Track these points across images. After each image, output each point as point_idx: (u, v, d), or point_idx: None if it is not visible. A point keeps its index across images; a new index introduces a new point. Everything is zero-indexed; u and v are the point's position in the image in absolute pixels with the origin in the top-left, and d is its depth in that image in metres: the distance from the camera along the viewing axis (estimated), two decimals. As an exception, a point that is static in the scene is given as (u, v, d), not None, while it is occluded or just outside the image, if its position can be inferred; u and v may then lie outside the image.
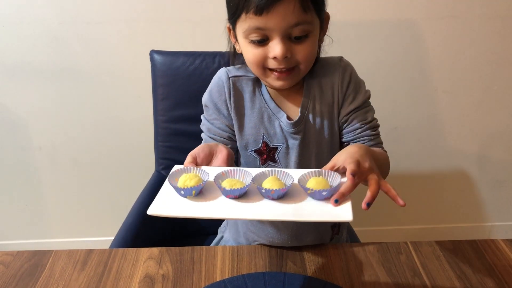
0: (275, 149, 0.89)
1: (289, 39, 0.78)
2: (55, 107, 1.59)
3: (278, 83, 0.84)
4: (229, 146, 0.91)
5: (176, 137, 1.24)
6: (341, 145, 0.94)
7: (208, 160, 0.77)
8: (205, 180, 0.68)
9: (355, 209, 0.64)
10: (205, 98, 0.93)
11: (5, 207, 1.77)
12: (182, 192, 0.66)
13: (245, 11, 0.76)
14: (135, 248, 0.85)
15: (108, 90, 1.57)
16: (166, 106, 1.23)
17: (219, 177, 0.69)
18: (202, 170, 0.71)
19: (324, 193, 0.65)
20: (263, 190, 0.66)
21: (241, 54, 0.88)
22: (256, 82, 0.91)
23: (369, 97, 0.93)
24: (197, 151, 0.76)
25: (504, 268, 0.80)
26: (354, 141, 0.90)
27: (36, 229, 1.82)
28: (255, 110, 0.89)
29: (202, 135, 0.94)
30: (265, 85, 0.91)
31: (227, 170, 0.71)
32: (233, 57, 0.94)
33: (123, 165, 1.70)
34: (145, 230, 1.11)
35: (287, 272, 0.79)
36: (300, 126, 0.88)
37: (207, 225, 1.30)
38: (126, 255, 0.83)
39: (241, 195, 0.67)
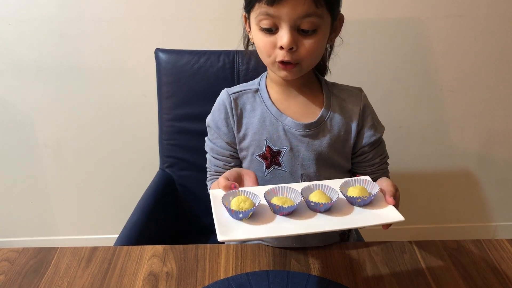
0: (278, 152, 0.89)
1: (297, 32, 0.79)
2: (60, 105, 1.60)
3: (282, 73, 0.84)
4: (231, 164, 0.93)
5: (180, 135, 1.25)
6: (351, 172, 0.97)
7: (238, 182, 0.77)
8: (257, 202, 0.69)
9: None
10: (208, 119, 0.95)
11: (10, 204, 1.78)
12: (241, 215, 0.67)
13: (258, 0, 0.78)
14: (140, 246, 0.85)
15: (113, 88, 1.58)
16: (171, 104, 1.23)
17: (266, 196, 0.71)
18: (248, 192, 0.72)
19: (372, 198, 0.71)
20: (312, 204, 0.69)
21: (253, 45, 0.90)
22: (256, 92, 0.92)
23: (384, 130, 0.96)
24: (227, 174, 0.76)
25: (508, 268, 0.80)
26: (371, 174, 0.92)
27: (41, 227, 1.83)
28: (256, 116, 0.90)
29: (207, 156, 0.97)
30: (268, 92, 0.92)
31: (271, 189, 0.73)
32: (246, 46, 0.96)
33: (128, 163, 1.70)
34: (150, 228, 1.12)
35: (291, 270, 0.79)
36: (313, 130, 0.89)
37: (211, 223, 1.29)
38: (130, 252, 0.84)
39: (293, 211, 0.70)
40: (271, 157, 0.90)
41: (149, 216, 1.13)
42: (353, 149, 0.93)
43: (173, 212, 1.29)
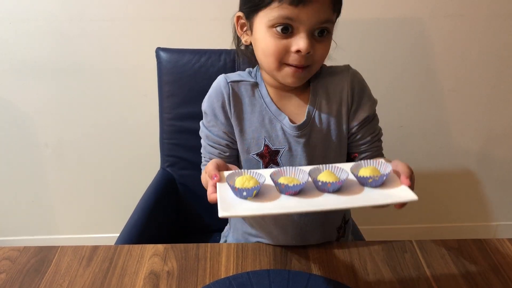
0: (277, 152, 0.88)
1: (312, 36, 0.78)
2: (61, 104, 1.60)
3: (290, 80, 0.81)
4: (227, 153, 0.90)
5: (181, 134, 1.25)
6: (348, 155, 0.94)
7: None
8: (262, 181, 0.67)
9: (364, 210, 0.63)
10: (204, 105, 0.92)
11: (12, 203, 1.78)
12: (245, 193, 0.65)
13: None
14: (140, 245, 0.85)
15: (114, 87, 1.58)
16: (172, 104, 1.23)
17: (272, 177, 0.69)
18: (254, 172, 0.70)
19: (384, 178, 0.66)
20: (320, 183, 0.66)
21: (246, 47, 0.88)
22: (255, 86, 0.89)
23: (376, 105, 0.92)
24: (218, 161, 0.73)
25: (509, 267, 0.80)
26: (364, 152, 0.90)
27: (42, 226, 1.84)
28: (255, 113, 0.88)
29: (202, 141, 0.93)
30: (266, 87, 0.89)
31: (277, 170, 0.71)
32: (237, 48, 0.93)
33: (129, 162, 1.71)
34: (150, 227, 1.12)
35: (292, 269, 0.79)
36: (305, 129, 0.87)
37: (212, 222, 1.30)
38: (131, 251, 0.84)
39: (300, 191, 0.67)
40: (269, 156, 0.88)
41: (150, 215, 1.13)
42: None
43: (174, 211, 1.29)
